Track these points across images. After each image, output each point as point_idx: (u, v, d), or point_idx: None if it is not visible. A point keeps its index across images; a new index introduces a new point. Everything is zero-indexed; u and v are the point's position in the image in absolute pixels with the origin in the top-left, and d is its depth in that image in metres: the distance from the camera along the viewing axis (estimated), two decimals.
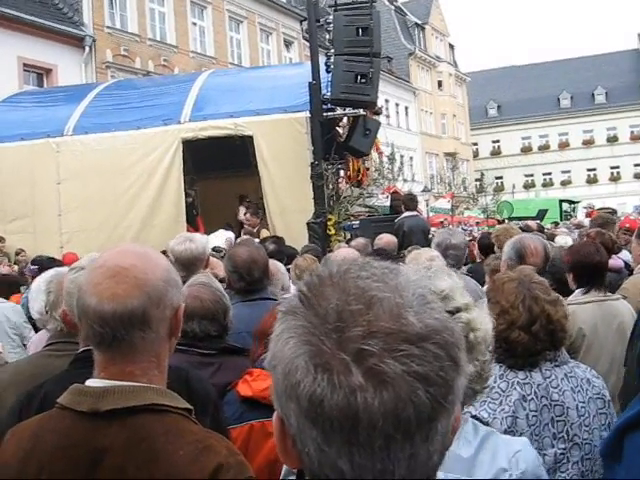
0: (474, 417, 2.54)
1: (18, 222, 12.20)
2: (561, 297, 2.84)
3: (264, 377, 2.72)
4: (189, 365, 2.67)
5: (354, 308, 0.84)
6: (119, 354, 1.58)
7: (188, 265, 4.45)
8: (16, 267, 10.48)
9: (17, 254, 11.50)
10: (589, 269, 3.31)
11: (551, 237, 11.22)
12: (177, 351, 2.80)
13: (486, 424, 2.51)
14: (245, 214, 12.93)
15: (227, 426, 2.44)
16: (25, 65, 21.77)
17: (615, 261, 5.81)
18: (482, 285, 4.99)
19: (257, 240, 8.13)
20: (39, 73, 22.63)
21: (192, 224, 12.68)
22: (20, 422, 1.74)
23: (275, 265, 4.89)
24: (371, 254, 6.12)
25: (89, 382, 1.59)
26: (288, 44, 35.29)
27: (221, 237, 12.21)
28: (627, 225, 8.42)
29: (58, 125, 12.35)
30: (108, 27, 24.62)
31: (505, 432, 2.47)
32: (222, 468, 1.51)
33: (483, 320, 1.94)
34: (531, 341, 2.59)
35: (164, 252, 3.98)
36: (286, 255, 6.54)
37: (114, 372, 1.58)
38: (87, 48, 23.44)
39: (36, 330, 5.08)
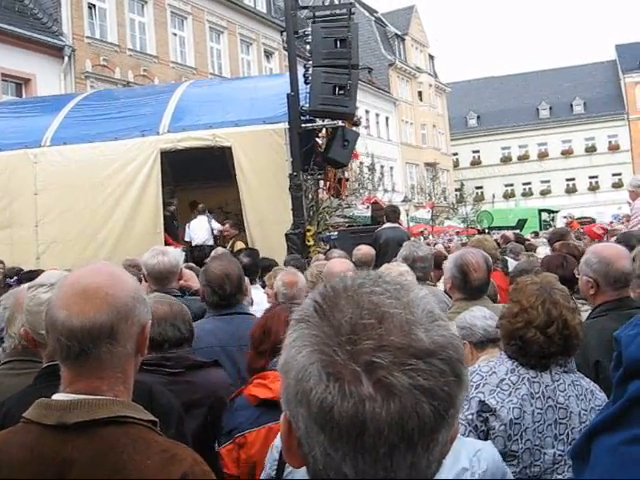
0: (482, 402, 2.60)
1: None
2: (579, 307, 2.94)
3: None
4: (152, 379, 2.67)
5: (367, 322, 0.88)
6: (86, 369, 1.60)
7: (161, 278, 4.45)
8: None
9: None
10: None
11: (530, 248, 11.35)
12: (145, 371, 2.82)
13: (493, 411, 2.59)
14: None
15: (187, 440, 2.45)
16: (3, 75, 21.67)
17: None
18: None
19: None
20: (18, 83, 22.52)
21: (173, 236, 12.66)
22: None
23: (295, 275, 4.93)
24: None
25: (55, 396, 1.60)
26: (269, 55, 35.37)
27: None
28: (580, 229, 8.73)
29: (36, 136, 12.28)
30: (87, 37, 24.56)
31: (511, 422, 2.60)
32: (188, 476, 1.55)
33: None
34: (546, 342, 2.68)
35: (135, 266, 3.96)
36: (261, 267, 6.53)
37: (80, 387, 1.59)
38: (66, 58, 23.38)
39: None
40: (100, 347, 1.59)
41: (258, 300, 5.27)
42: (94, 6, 25.37)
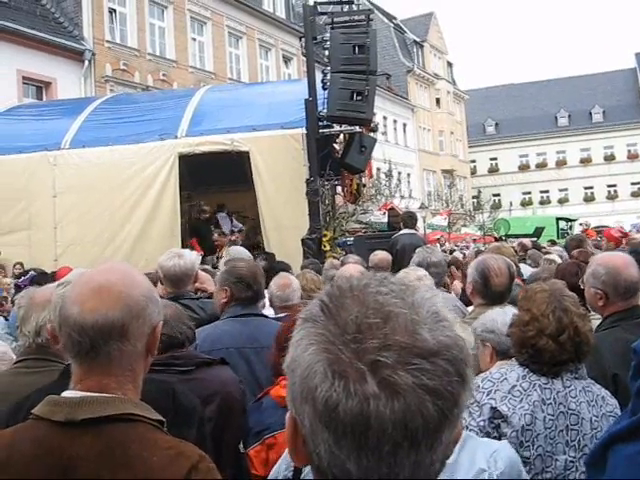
0: (494, 409, 2.60)
1: (13, 234, 12.20)
2: (588, 313, 2.93)
3: None
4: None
5: (372, 321, 0.89)
6: (96, 365, 1.62)
7: (176, 281, 4.48)
8: (8, 279, 10.46)
9: (14, 266, 11.48)
10: (570, 289, 3.37)
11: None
12: (155, 371, 2.85)
13: (504, 418, 2.59)
14: (213, 234, 13.03)
15: (206, 442, 2.45)
16: (24, 78, 21.86)
17: None
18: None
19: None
20: (38, 86, 22.71)
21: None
22: None
23: (288, 278, 4.96)
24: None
25: (65, 393, 1.62)
26: (287, 60, 35.47)
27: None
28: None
29: (56, 138, 12.38)
30: (108, 41, 24.75)
31: (523, 429, 2.59)
32: (195, 470, 1.57)
33: (467, 337, 1.98)
34: (557, 350, 2.69)
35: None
36: (277, 271, 6.54)
37: (90, 385, 1.61)
38: (87, 62, 23.57)
39: None
40: (110, 344, 1.61)
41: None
42: (115, 11, 25.58)
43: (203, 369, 3.12)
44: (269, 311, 4.72)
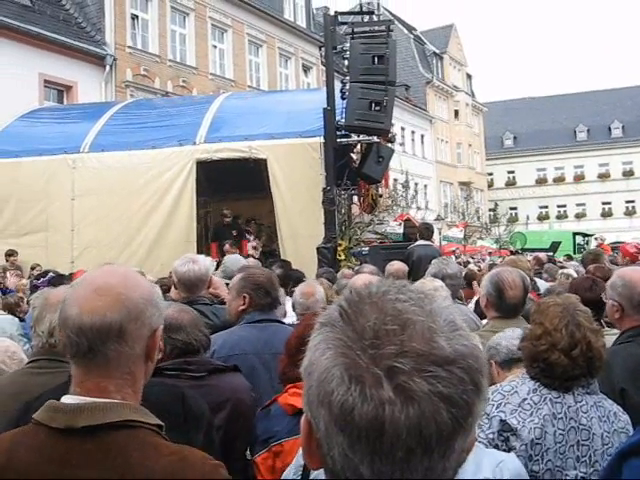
0: (503, 422, 2.59)
1: (32, 236, 12.32)
2: (602, 328, 2.90)
3: None
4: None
5: (390, 328, 0.90)
6: (94, 367, 1.61)
7: (190, 286, 4.51)
8: (25, 280, 10.55)
9: (32, 268, 11.56)
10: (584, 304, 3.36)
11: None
12: (168, 376, 2.85)
13: (514, 431, 2.58)
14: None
15: (214, 446, 2.46)
16: (46, 81, 22.04)
17: None
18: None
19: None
20: (60, 90, 22.89)
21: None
22: None
23: (312, 287, 4.96)
24: None
25: (64, 399, 1.61)
26: (307, 69, 35.57)
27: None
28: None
29: (75, 142, 12.50)
30: (129, 47, 24.92)
31: (532, 443, 2.57)
32: (198, 474, 1.55)
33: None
34: (570, 365, 2.66)
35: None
36: (292, 279, 6.57)
37: (89, 387, 1.60)
38: (108, 67, 23.74)
39: None
40: (108, 346, 1.60)
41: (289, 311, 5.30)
42: (137, 17, 25.78)
43: (215, 376, 3.12)
44: (292, 319, 4.74)
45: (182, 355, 3.06)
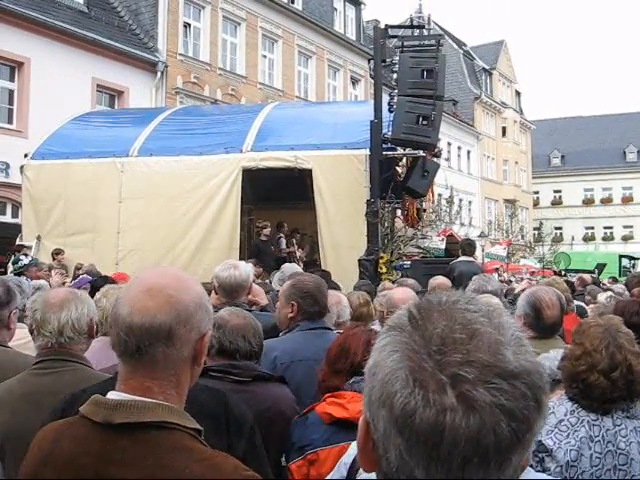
0: (538, 442, 2.55)
1: (78, 236, 12.52)
2: None
3: (357, 399, 2.77)
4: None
5: (457, 336, 0.91)
6: (140, 367, 1.63)
7: (231, 291, 4.54)
8: (68, 280, 10.72)
9: (77, 268, 11.71)
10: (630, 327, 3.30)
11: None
12: (211, 377, 2.89)
13: (549, 452, 2.53)
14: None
15: (258, 451, 2.46)
16: (99, 86, 22.51)
17: None
18: None
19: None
20: (111, 94, 23.34)
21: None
22: None
23: (338, 296, 4.94)
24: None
25: (109, 394, 1.64)
26: (355, 81, 35.65)
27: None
28: None
29: (124, 145, 12.68)
30: (181, 54, 25.29)
31: (567, 464, 2.52)
32: None
33: None
34: (609, 387, 2.62)
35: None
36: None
37: (134, 386, 1.62)
38: (159, 73, 24.14)
39: None
40: (156, 347, 1.61)
41: None
42: (189, 25, 26.15)
43: (259, 383, 3.13)
44: None
45: (221, 357, 3.09)
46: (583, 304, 8.58)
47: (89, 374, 2.87)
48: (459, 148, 50.01)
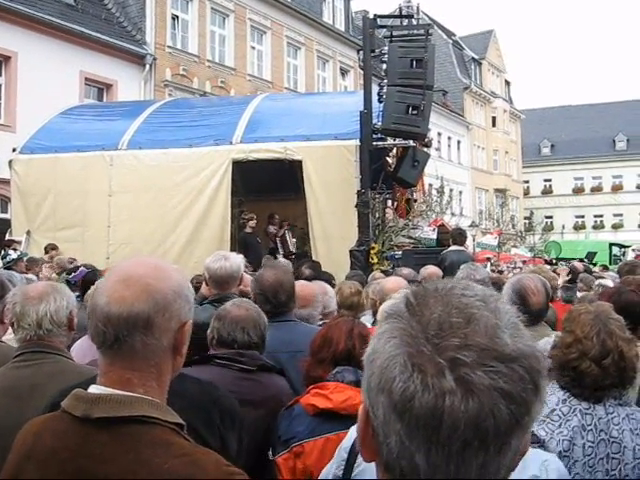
0: (531, 433, 2.53)
1: (68, 231, 12.47)
2: (635, 338, 2.83)
3: (341, 389, 2.82)
4: (218, 381, 2.72)
5: (454, 320, 0.91)
6: (119, 357, 1.60)
7: (221, 283, 4.52)
8: (55, 275, 10.64)
9: (70, 263, 11.67)
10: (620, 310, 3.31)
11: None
12: (218, 365, 2.97)
13: (541, 443, 2.52)
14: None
15: (242, 446, 2.46)
16: (87, 79, 22.41)
17: None
18: None
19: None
20: (100, 88, 23.24)
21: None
22: None
23: (322, 286, 4.93)
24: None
25: (90, 388, 1.61)
26: (344, 72, 35.61)
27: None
28: None
29: (113, 139, 12.63)
30: (169, 47, 25.19)
31: (560, 455, 2.48)
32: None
33: None
34: (600, 374, 2.60)
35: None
36: (321, 280, 6.54)
37: (113, 379, 1.60)
38: (147, 66, 24.06)
39: None
40: (134, 336, 1.58)
41: None
42: (177, 17, 26.05)
43: (263, 373, 3.17)
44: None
45: (227, 349, 3.14)
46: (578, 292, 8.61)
47: (69, 366, 2.88)
48: (449, 138, 50.05)
